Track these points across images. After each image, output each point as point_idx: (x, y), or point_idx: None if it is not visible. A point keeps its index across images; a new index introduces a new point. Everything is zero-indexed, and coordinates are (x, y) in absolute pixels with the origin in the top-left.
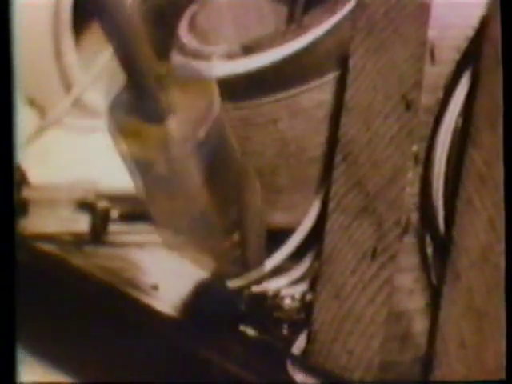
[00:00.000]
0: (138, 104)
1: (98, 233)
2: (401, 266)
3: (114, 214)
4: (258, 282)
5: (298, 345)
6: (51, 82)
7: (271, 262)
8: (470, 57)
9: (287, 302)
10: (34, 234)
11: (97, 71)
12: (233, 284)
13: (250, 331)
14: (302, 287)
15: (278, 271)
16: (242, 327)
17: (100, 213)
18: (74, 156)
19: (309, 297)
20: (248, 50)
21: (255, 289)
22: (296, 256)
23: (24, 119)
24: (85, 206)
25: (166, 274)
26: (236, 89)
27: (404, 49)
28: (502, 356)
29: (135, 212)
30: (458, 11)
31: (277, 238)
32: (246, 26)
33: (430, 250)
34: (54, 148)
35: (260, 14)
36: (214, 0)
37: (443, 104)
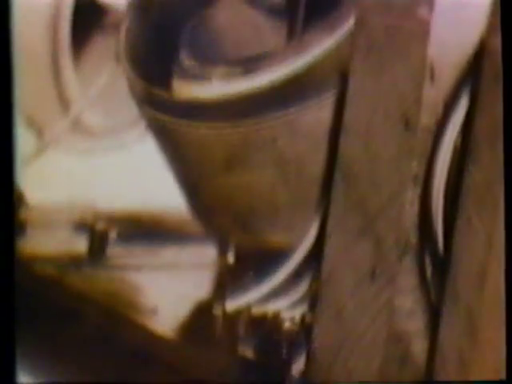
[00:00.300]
0: None
1: (96, 254)
2: (400, 287)
3: (113, 235)
4: (258, 303)
5: (298, 366)
6: (49, 102)
7: (270, 284)
8: (470, 75)
9: (287, 323)
10: (32, 255)
11: (95, 91)
12: (232, 306)
13: (250, 353)
14: (302, 309)
15: (277, 293)
16: (241, 349)
17: (98, 234)
18: (72, 177)
19: (308, 318)
20: (247, 69)
21: (254, 310)
22: (295, 277)
23: (22, 140)
24: (83, 227)
25: (165, 297)
26: (236, 108)
27: (404, 67)
28: (502, 365)
29: (134, 233)
30: (458, 30)
31: (276, 258)
32: (245, 44)
33: (429, 271)
34: (52, 169)
35: (259, 33)
36: (214, 20)
37: (442, 123)
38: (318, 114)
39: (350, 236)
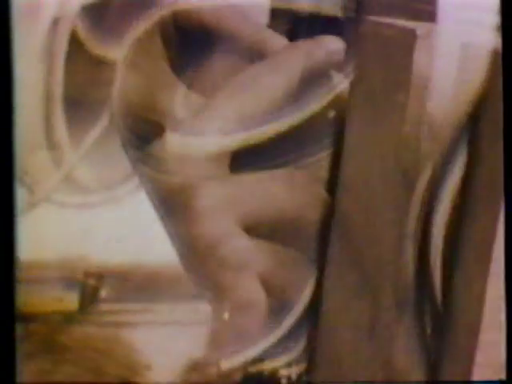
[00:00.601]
0: None
1: (87, 311)
2: (399, 346)
3: (105, 291)
4: (254, 362)
5: None
6: (41, 157)
7: (267, 342)
8: (469, 129)
9: (284, 382)
10: (23, 313)
11: (88, 146)
12: (227, 364)
13: None
14: (299, 367)
15: (273, 351)
16: None
17: (89, 290)
18: (64, 233)
19: (306, 377)
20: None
21: (251, 369)
22: (292, 336)
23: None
24: (74, 283)
25: (159, 354)
26: (231, 163)
27: (401, 123)
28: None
29: (127, 290)
30: (457, 85)
31: (272, 316)
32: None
33: (428, 329)
34: (43, 225)
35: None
36: (209, 74)
37: (441, 177)
38: (314, 171)
39: (348, 294)
